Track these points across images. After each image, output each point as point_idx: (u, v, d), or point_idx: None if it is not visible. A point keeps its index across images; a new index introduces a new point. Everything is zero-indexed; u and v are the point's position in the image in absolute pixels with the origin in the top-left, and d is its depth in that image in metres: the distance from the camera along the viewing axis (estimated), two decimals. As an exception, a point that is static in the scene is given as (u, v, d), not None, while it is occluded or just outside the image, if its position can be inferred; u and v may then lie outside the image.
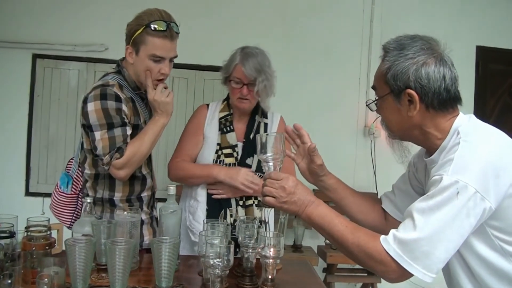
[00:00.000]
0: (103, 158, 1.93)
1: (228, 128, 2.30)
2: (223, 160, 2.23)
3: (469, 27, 4.45)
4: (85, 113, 1.96)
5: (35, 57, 4.07)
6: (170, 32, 1.99)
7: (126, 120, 1.98)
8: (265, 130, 2.33)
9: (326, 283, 3.91)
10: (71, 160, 2.25)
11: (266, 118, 2.37)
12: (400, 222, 1.38)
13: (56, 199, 2.19)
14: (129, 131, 1.99)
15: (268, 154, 1.57)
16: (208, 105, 2.41)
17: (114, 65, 2.17)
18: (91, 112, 1.94)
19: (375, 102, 1.52)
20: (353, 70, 4.47)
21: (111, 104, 1.94)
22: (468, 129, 1.38)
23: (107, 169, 1.95)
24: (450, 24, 4.38)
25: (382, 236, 1.33)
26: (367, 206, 1.75)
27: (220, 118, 2.32)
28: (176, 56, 2.07)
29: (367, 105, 1.56)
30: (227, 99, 2.37)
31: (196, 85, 4.19)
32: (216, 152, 2.25)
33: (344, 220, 1.44)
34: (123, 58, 2.10)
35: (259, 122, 2.34)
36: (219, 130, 2.30)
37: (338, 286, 4.29)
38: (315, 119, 4.37)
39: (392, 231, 1.32)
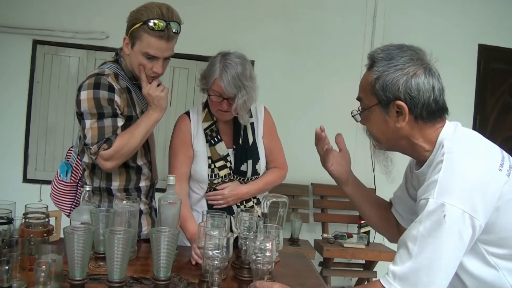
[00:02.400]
0: (90, 147, 1.91)
1: (216, 139, 2.20)
2: (218, 173, 2.17)
3: (471, 24, 4.44)
4: (78, 101, 1.94)
5: (36, 43, 4.05)
6: (168, 32, 1.92)
7: (118, 111, 1.95)
8: (252, 130, 2.26)
9: (322, 277, 3.90)
10: (71, 149, 2.23)
11: (251, 116, 2.29)
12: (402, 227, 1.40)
13: (55, 187, 2.19)
14: (120, 122, 1.95)
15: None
16: (188, 114, 2.25)
17: (112, 53, 2.14)
18: (83, 101, 1.92)
19: (360, 113, 1.50)
20: (355, 65, 4.44)
21: (103, 93, 1.91)
22: (451, 144, 1.36)
23: (94, 159, 1.93)
24: (453, 21, 4.38)
25: (382, 278, 1.32)
26: (382, 215, 1.75)
27: (205, 129, 2.21)
28: (172, 54, 2.02)
29: (352, 116, 1.54)
30: (207, 105, 2.25)
31: (196, 75, 4.15)
32: (209, 166, 2.18)
33: None
34: (121, 48, 2.07)
35: (245, 125, 2.29)
36: (207, 142, 2.20)
37: (334, 280, 4.31)
38: (315, 113, 4.37)
39: (390, 267, 1.31)
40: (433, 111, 1.39)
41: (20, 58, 4.05)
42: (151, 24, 1.90)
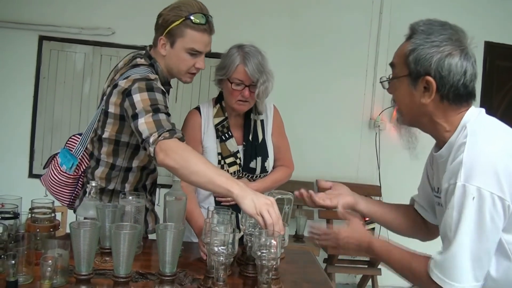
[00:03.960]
0: (150, 139, 1.66)
1: (227, 135, 2.20)
2: (228, 170, 2.16)
3: (478, 22, 4.40)
4: (132, 104, 1.78)
5: (42, 39, 4.06)
6: (209, 26, 1.92)
7: (170, 113, 1.82)
8: (262, 127, 2.27)
9: (326, 273, 3.91)
10: (73, 137, 2.17)
11: (261, 113, 2.29)
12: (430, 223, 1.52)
13: (56, 177, 2.08)
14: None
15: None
16: (199, 109, 2.24)
17: (118, 49, 2.10)
18: (138, 102, 1.76)
19: (389, 80, 1.48)
20: (361, 62, 4.46)
21: (159, 96, 1.80)
22: (475, 126, 1.36)
23: (152, 151, 1.65)
24: (459, 19, 4.26)
25: (429, 264, 1.35)
26: (406, 217, 1.75)
27: (216, 125, 2.21)
28: (210, 50, 1.99)
29: (380, 82, 1.52)
30: (219, 100, 2.25)
31: (202, 72, 4.14)
32: (219, 162, 2.17)
33: (398, 255, 1.46)
34: (151, 47, 2.01)
35: (255, 121, 2.28)
36: (217, 138, 2.20)
37: (338, 277, 4.31)
38: (321, 111, 4.37)
39: (433, 255, 1.35)
40: (460, 95, 1.38)
41: (26, 53, 4.06)
42: (193, 19, 1.88)
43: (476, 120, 1.39)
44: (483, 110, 1.44)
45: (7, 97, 4.08)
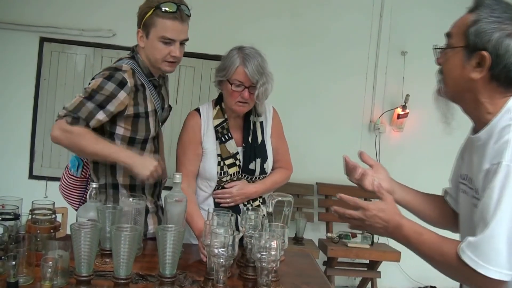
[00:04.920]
0: (63, 110, 1.91)
1: (226, 137, 2.21)
2: (227, 171, 2.17)
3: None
4: (88, 86, 1.97)
5: (43, 40, 4.06)
6: (180, 13, 1.96)
7: (110, 108, 1.93)
8: (261, 129, 2.28)
9: (326, 276, 3.91)
10: None
11: (260, 115, 2.31)
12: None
13: (65, 181, 2.19)
14: (100, 116, 1.92)
15: None
16: (199, 111, 2.25)
17: (119, 51, 2.16)
18: (91, 83, 1.95)
19: (444, 49, 1.44)
20: (361, 64, 4.46)
21: (110, 85, 1.92)
22: None
23: (55, 120, 1.91)
24: (460, 21, 4.35)
25: (458, 246, 1.28)
26: (439, 207, 1.72)
27: (216, 126, 2.21)
28: (187, 39, 2.03)
29: (434, 49, 1.47)
30: (219, 102, 2.26)
31: (203, 74, 4.19)
32: (218, 163, 2.18)
33: (428, 238, 1.39)
34: (137, 45, 2.09)
35: (255, 122, 2.29)
36: (217, 139, 2.21)
37: (337, 279, 4.31)
38: (320, 113, 4.38)
39: (468, 237, 1.27)
40: (511, 78, 1.35)
41: (27, 55, 4.06)
42: (163, 7, 1.93)
43: None
44: None
45: (8, 98, 4.08)
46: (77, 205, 2.17)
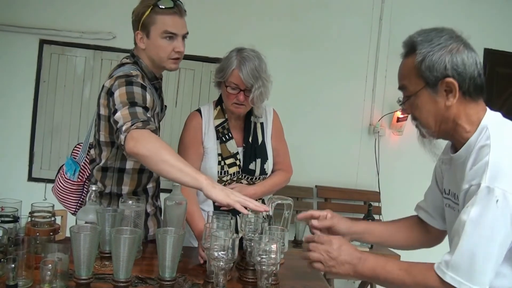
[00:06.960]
0: (123, 126, 1.69)
1: (227, 136, 2.22)
2: (227, 170, 2.18)
3: (477, 28, 4.41)
4: (113, 101, 1.83)
5: (42, 42, 4.06)
6: (178, 8, 1.96)
7: (149, 107, 1.87)
8: (262, 130, 2.29)
9: (325, 279, 3.91)
10: (77, 146, 2.22)
11: (261, 116, 2.31)
12: (437, 229, 1.53)
13: (61, 185, 2.16)
14: (149, 114, 1.83)
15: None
16: (200, 111, 2.27)
17: (119, 54, 2.14)
18: (117, 98, 1.81)
19: (408, 98, 1.46)
20: (361, 67, 4.46)
21: (136, 89, 1.84)
22: (498, 129, 1.36)
23: (123, 139, 1.68)
24: (459, 25, 4.29)
25: (436, 264, 1.32)
26: (406, 230, 1.75)
27: (217, 126, 2.23)
28: (187, 33, 2.02)
29: (400, 105, 1.51)
30: (220, 102, 2.27)
31: (202, 77, 4.18)
32: (219, 163, 2.19)
33: (395, 264, 1.42)
34: (134, 49, 2.06)
35: (255, 123, 2.30)
36: (218, 139, 2.22)
37: (337, 282, 4.30)
38: (320, 116, 4.38)
39: (443, 256, 1.31)
40: (479, 86, 1.39)
41: (26, 57, 4.06)
42: (160, 5, 1.93)
43: (496, 122, 1.39)
44: (499, 114, 1.44)
45: (8, 100, 4.08)
46: (74, 209, 2.16)
